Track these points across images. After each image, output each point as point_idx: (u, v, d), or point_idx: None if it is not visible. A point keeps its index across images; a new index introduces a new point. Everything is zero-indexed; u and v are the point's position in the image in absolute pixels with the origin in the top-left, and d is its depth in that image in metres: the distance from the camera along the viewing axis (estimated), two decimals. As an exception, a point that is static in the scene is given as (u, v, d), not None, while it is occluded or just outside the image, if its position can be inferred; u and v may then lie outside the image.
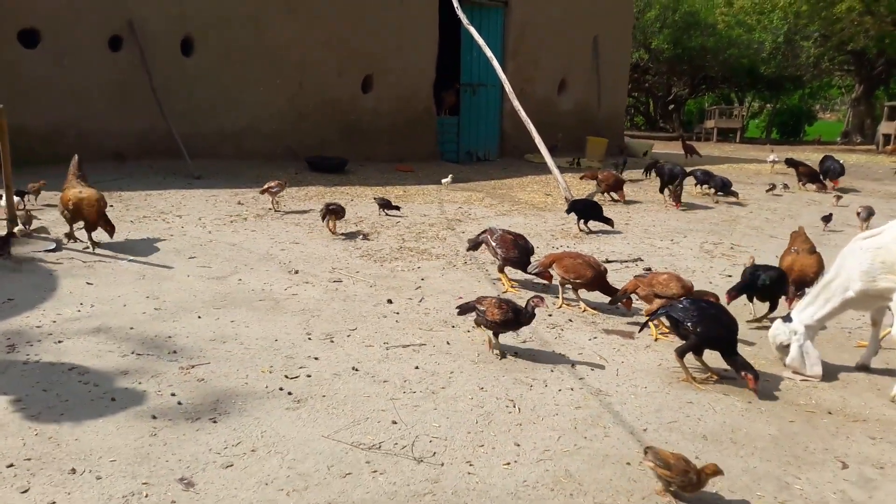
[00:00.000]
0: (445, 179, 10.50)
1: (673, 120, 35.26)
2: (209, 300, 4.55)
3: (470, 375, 3.59)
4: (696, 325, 3.54)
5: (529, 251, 5.18)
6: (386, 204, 7.66)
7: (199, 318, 4.21)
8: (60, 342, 3.69)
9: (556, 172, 9.53)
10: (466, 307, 3.96)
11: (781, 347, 3.88)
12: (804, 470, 2.85)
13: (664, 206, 9.26)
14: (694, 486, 2.50)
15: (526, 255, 5.13)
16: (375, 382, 3.45)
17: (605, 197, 9.45)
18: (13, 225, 5.60)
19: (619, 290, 4.62)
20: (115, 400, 3.10)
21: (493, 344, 3.88)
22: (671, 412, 3.30)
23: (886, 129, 22.69)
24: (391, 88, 12.37)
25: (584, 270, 4.66)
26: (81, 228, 5.52)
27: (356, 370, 3.58)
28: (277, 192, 7.53)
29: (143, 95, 9.44)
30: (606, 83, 16.29)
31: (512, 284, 5.27)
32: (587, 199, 8.43)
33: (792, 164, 11.83)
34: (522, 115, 10.03)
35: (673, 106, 36.01)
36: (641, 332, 4.27)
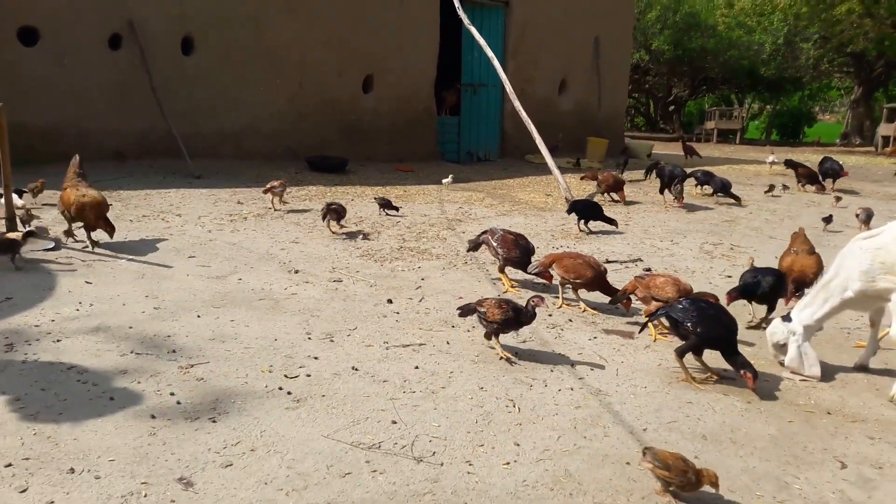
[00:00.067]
0: (446, 179, 10.50)
1: (673, 121, 35.30)
2: (209, 299, 4.55)
3: (470, 375, 3.59)
4: (695, 325, 3.54)
5: (530, 251, 5.19)
6: (386, 204, 7.67)
7: (198, 317, 4.21)
8: (59, 341, 3.69)
9: (556, 173, 9.54)
10: (467, 309, 3.94)
11: (778, 346, 3.89)
12: (803, 470, 2.85)
13: (664, 206, 9.27)
14: (693, 485, 2.50)
15: (527, 255, 5.13)
16: (375, 382, 3.44)
17: (604, 197, 9.46)
18: (13, 224, 5.60)
19: (619, 290, 4.62)
20: (113, 399, 3.10)
21: (502, 354, 3.81)
22: (671, 412, 3.30)
23: (885, 130, 22.74)
24: (391, 88, 12.37)
25: (584, 270, 4.66)
26: (81, 227, 5.52)
27: (356, 370, 3.58)
28: (281, 191, 7.53)
29: (143, 95, 9.44)
30: (607, 84, 16.30)
31: (512, 284, 5.27)
32: (587, 199, 8.44)
33: (791, 165, 11.84)
34: (523, 115, 10.03)
35: (673, 107, 36.04)
36: (641, 332, 4.27)
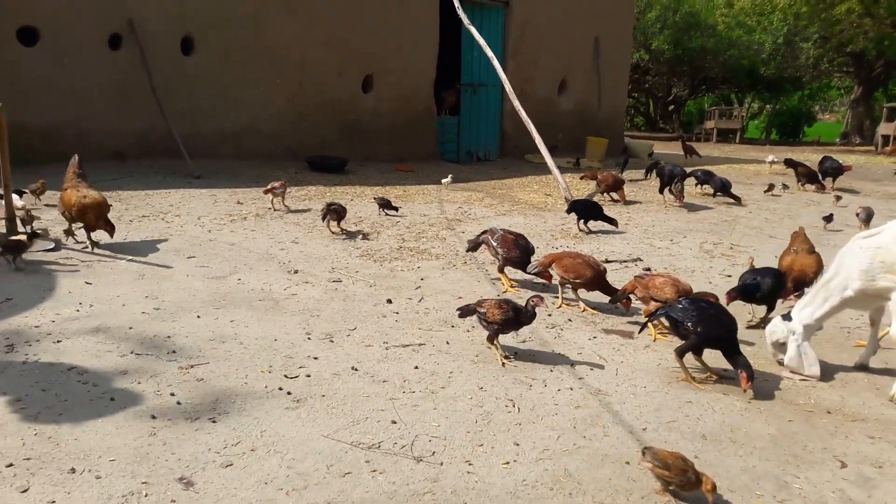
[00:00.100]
0: (445, 179, 10.50)
1: (673, 120, 35.30)
2: (208, 300, 4.55)
3: (469, 375, 3.59)
4: (695, 324, 3.54)
5: (530, 251, 5.19)
6: (386, 204, 7.67)
7: (198, 317, 4.21)
8: (59, 342, 3.69)
9: (556, 172, 9.54)
10: (467, 310, 3.94)
11: (777, 345, 3.89)
12: (803, 469, 2.85)
13: (664, 206, 9.27)
14: (692, 485, 2.50)
15: (527, 255, 5.13)
16: (375, 382, 3.45)
17: (604, 197, 9.46)
18: (13, 224, 5.60)
19: (618, 290, 4.62)
20: (114, 400, 3.10)
21: (502, 356, 3.81)
22: (670, 412, 3.30)
23: (885, 130, 22.73)
24: (391, 88, 12.37)
25: (583, 270, 4.67)
26: (80, 228, 5.52)
27: (356, 370, 3.58)
28: (282, 192, 7.53)
29: (143, 95, 9.44)
30: (607, 83, 16.30)
31: (511, 284, 5.27)
32: (587, 199, 8.44)
33: (791, 164, 11.84)
34: (523, 115, 10.03)
35: (673, 106, 36.04)
36: (641, 332, 4.27)
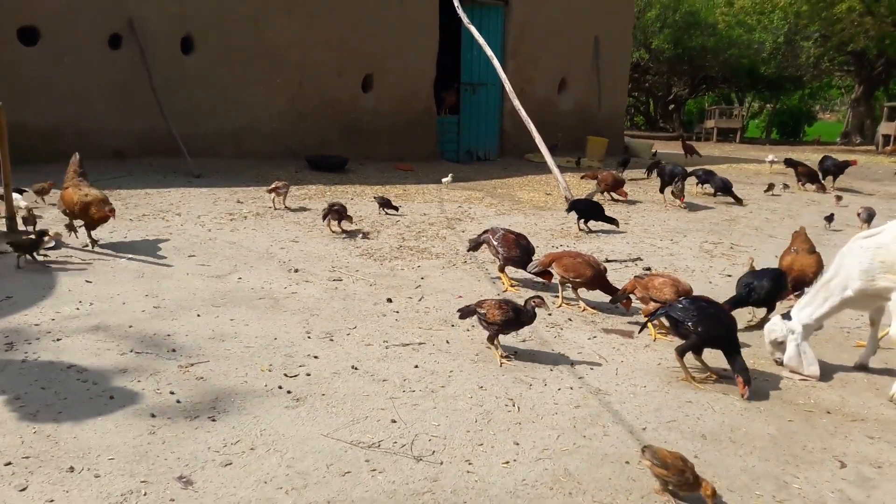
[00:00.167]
0: (445, 179, 10.50)
1: (673, 120, 35.26)
2: (208, 298, 4.55)
3: (469, 374, 3.59)
4: (696, 324, 3.54)
5: (531, 251, 5.19)
6: (386, 203, 7.67)
7: (198, 316, 4.21)
8: (59, 340, 3.69)
9: (556, 172, 9.53)
10: (467, 310, 3.93)
11: (776, 344, 3.89)
12: (803, 469, 2.85)
13: (664, 205, 9.27)
14: (690, 486, 2.50)
15: (527, 254, 5.14)
16: (375, 381, 3.45)
17: (604, 196, 9.46)
18: (13, 223, 5.60)
19: (619, 289, 4.62)
20: (113, 398, 3.10)
21: (502, 356, 3.81)
22: (670, 411, 3.30)
23: (886, 129, 22.70)
24: (391, 88, 12.37)
25: (583, 270, 4.67)
26: (81, 226, 5.52)
27: (356, 369, 3.58)
28: (285, 192, 7.54)
29: (143, 94, 9.44)
30: (606, 83, 16.29)
31: (512, 283, 5.27)
32: (587, 198, 8.44)
33: (791, 164, 11.83)
34: (523, 114, 10.03)
35: (673, 106, 36.00)
36: (641, 332, 4.27)
